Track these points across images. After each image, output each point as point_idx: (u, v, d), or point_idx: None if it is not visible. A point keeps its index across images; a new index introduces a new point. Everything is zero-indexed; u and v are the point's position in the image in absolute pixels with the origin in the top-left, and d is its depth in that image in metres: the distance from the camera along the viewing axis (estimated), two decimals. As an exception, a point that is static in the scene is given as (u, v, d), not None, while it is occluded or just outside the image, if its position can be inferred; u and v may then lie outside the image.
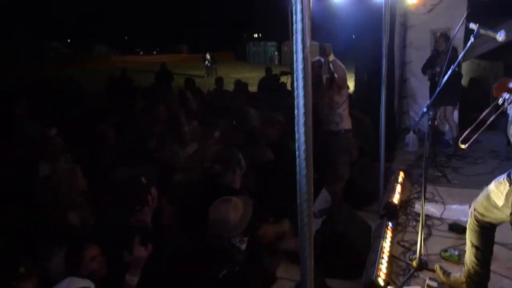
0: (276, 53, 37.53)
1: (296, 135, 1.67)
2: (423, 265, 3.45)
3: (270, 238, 3.42)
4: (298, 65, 1.60)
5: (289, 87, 10.40)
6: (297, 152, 1.69)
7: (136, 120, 6.00)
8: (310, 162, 1.69)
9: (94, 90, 10.20)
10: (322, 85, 4.71)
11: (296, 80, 1.62)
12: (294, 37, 1.60)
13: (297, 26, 1.57)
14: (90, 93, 9.34)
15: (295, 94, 1.63)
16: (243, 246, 3.05)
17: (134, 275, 2.39)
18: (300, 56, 1.59)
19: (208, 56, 25.63)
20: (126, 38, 61.65)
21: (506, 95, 2.08)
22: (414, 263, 3.44)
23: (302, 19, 1.56)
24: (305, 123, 1.64)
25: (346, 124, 4.88)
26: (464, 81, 8.42)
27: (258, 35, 51.19)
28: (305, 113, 1.63)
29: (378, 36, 5.03)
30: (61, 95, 8.10)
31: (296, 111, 1.65)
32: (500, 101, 2.11)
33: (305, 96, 1.61)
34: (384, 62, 4.87)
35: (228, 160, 3.56)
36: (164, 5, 55.69)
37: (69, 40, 55.45)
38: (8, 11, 41.66)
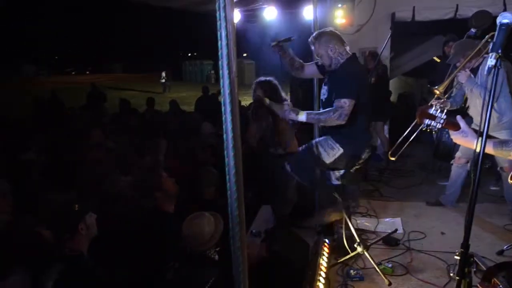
0: (212, 71, 37.58)
1: (226, 160, 1.66)
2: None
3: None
4: (225, 89, 1.60)
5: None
6: (227, 176, 1.68)
7: (69, 145, 5.74)
8: (241, 186, 1.69)
9: (19, 113, 9.71)
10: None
11: (224, 105, 1.61)
12: (220, 62, 1.60)
13: (223, 52, 1.58)
14: (14, 117, 8.82)
15: (223, 118, 1.63)
16: (216, 257, 3.02)
17: None
18: (226, 81, 1.59)
19: (163, 74, 29.10)
20: (56, 57, 59.43)
21: (427, 121, 2.19)
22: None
23: (227, 44, 1.57)
24: (234, 146, 1.64)
25: (294, 147, 4.78)
26: (393, 97, 8.84)
27: (193, 54, 51.11)
28: (234, 137, 1.63)
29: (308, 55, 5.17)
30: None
31: (224, 136, 1.64)
32: (423, 127, 2.22)
33: (232, 120, 1.61)
34: (315, 80, 5.01)
35: (146, 185, 3.55)
36: (96, 23, 54.38)
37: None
38: None
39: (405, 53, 8.12)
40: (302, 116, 3.51)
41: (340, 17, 7.10)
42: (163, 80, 29.09)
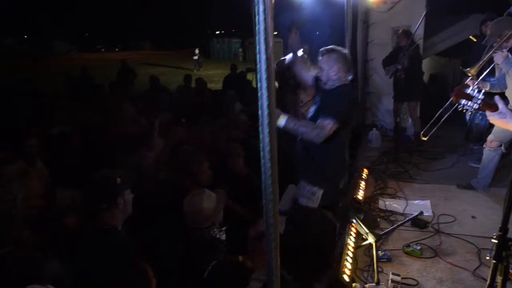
0: (240, 49, 37.44)
1: (261, 136, 1.65)
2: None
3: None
4: (262, 65, 1.58)
5: (254, 85, 10.38)
6: (261, 153, 1.68)
7: (99, 120, 5.83)
8: (275, 162, 1.68)
9: (52, 89, 9.90)
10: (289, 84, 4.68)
11: (260, 81, 1.60)
12: (257, 38, 1.58)
13: (260, 27, 1.55)
14: (47, 92, 9.00)
15: (259, 94, 1.61)
16: (223, 236, 3.04)
17: None
18: (263, 56, 1.57)
19: (196, 51, 28.88)
20: (86, 34, 60.07)
21: (464, 102, 2.13)
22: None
23: (265, 19, 1.54)
24: (270, 123, 1.62)
25: None
26: (424, 77, 8.64)
27: (221, 32, 50.93)
28: (269, 114, 1.61)
29: (341, 33, 5.08)
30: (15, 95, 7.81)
31: (260, 112, 1.63)
32: (460, 107, 2.17)
33: (269, 96, 1.60)
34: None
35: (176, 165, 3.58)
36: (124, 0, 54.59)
37: (25, 36, 53.59)
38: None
39: (439, 32, 7.87)
40: (281, 121, 3.23)
41: (373, -6, 6.94)
42: (196, 57, 28.88)
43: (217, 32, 51.92)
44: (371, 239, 3.46)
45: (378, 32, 7.80)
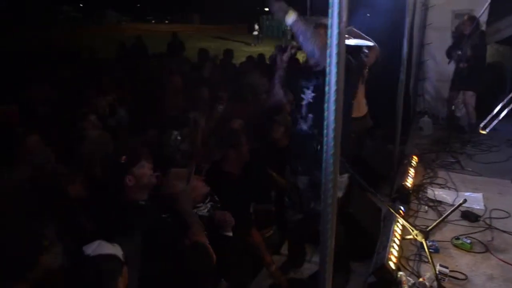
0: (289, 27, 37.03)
1: (325, 113, 1.60)
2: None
3: None
4: (333, 40, 1.52)
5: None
6: (325, 131, 1.63)
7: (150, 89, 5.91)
8: (338, 141, 1.63)
9: (105, 57, 10.11)
10: None
11: (330, 57, 1.54)
12: (330, 11, 1.51)
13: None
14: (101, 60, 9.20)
15: (327, 70, 1.56)
16: (205, 212, 2.98)
17: None
18: (335, 31, 1.51)
19: (256, 26, 29.52)
20: (138, 5, 60.82)
21: None
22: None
23: (340, -10, 1.48)
24: (336, 100, 1.56)
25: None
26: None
27: (270, 9, 50.36)
28: (337, 91, 1.55)
29: (396, 15, 4.88)
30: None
31: (327, 88, 1.57)
32: None
33: (338, 73, 1.53)
34: (405, 43, 4.76)
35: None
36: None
37: (81, 5, 54.82)
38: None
39: (505, 17, 7.41)
40: (290, 18, 2.88)
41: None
42: (256, 32, 29.12)
43: (266, 9, 51.37)
44: (419, 238, 3.27)
45: (437, 15, 7.45)
